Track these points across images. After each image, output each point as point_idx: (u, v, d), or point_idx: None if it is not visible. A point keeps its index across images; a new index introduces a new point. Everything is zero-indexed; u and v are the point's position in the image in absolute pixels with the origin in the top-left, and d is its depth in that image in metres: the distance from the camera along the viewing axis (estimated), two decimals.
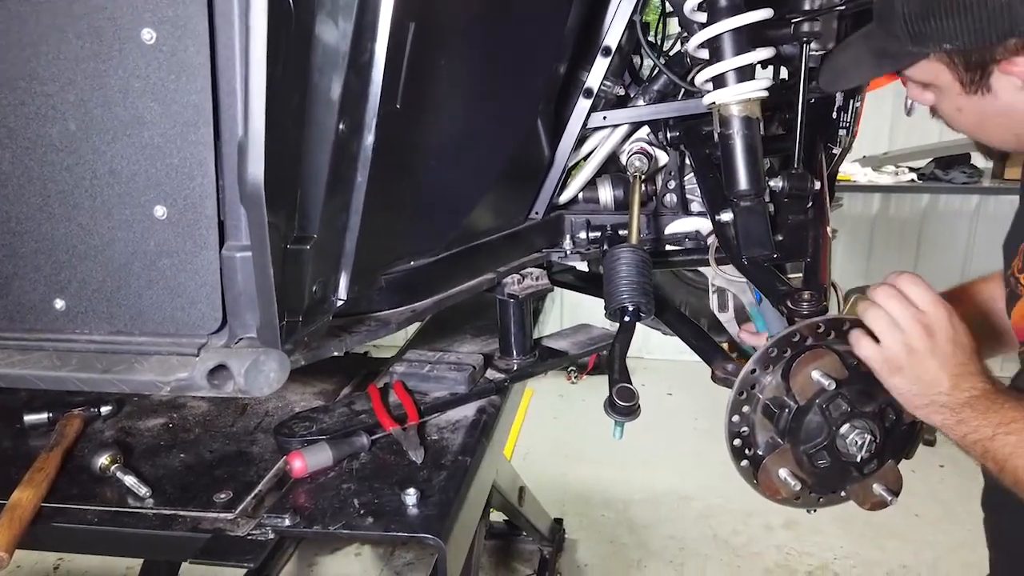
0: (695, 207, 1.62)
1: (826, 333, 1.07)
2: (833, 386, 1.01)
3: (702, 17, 1.27)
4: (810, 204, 1.29)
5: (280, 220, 0.91)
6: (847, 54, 1.13)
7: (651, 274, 1.34)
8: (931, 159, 4.52)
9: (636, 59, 1.92)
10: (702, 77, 1.27)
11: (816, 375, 1.03)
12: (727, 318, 1.57)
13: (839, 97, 1.48)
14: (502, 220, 1.55)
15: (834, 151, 1.54)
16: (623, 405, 1.15)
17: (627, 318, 1.29)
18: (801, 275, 1.26)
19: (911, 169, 4.59)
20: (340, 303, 1.10)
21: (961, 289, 1.39)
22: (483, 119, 1.32)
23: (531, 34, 1.38)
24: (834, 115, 1.50)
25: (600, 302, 1.90)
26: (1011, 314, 1.19)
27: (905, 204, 4.88)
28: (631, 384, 1.18)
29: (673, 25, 2.01)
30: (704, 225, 1.60)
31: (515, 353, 1.56)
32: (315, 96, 0.94)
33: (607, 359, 1.25)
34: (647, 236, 1.61)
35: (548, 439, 4.19)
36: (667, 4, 1.86)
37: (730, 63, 1.21)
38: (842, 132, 1.52)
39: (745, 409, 1.09)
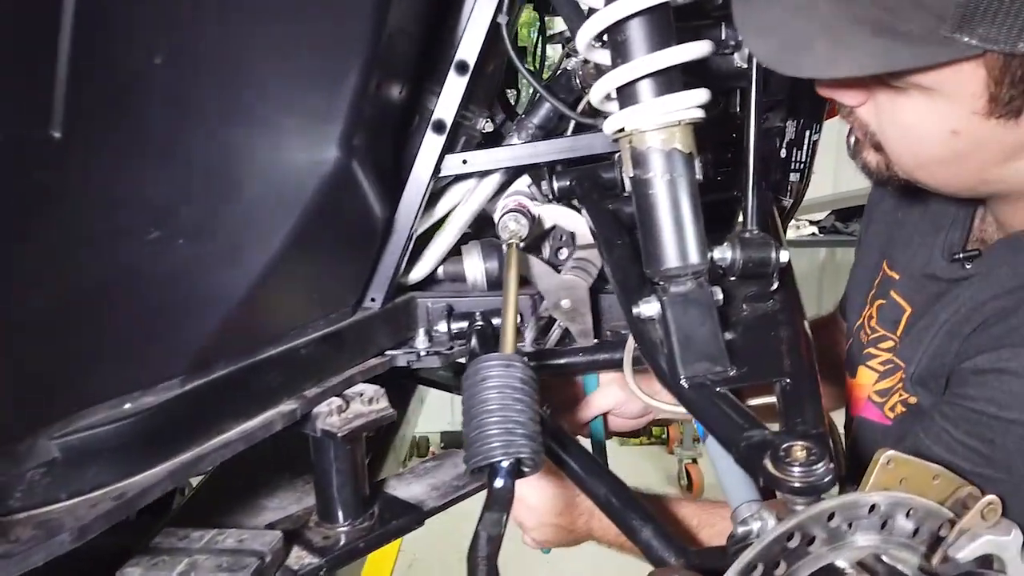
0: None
1: (848, 528, 0.59)
2: None
3: (598, 2, 0.80)
4: (774, 286, 0.83)
5: None
6: (806, 18, 0.69)
7: (538, 400, 0.84)
8: (830, 211, 4.33)
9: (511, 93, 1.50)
10: (600, 90, 0.80)
11: None
12: None
13: (791, 127, 1.04)
14: (313, 314, 1.02)
15: (784, 202, 1.09)
16: None
17: (499, 481, 0.77)
18: (770, 401, 0.78)
19: (811, 222, 4.38)
20: None
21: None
22: (248, 160, 0.80)
23: (324, 27, 0.87)
24: (783, 151, 1.05)
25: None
26: (853, 372, 1.07)
27: (803, 258, 4.69)
28: None
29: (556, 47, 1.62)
30: (583, 228, 1.15)
31: (341, 517, 1.02)
32: None
33: (467, 562, 0.72)
34: (526, 329, 1.11)
35: (439, 540, 3.56)
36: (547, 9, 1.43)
37: (645, 63, 0.75)
38: (793, 177, 1.07)
39: None
